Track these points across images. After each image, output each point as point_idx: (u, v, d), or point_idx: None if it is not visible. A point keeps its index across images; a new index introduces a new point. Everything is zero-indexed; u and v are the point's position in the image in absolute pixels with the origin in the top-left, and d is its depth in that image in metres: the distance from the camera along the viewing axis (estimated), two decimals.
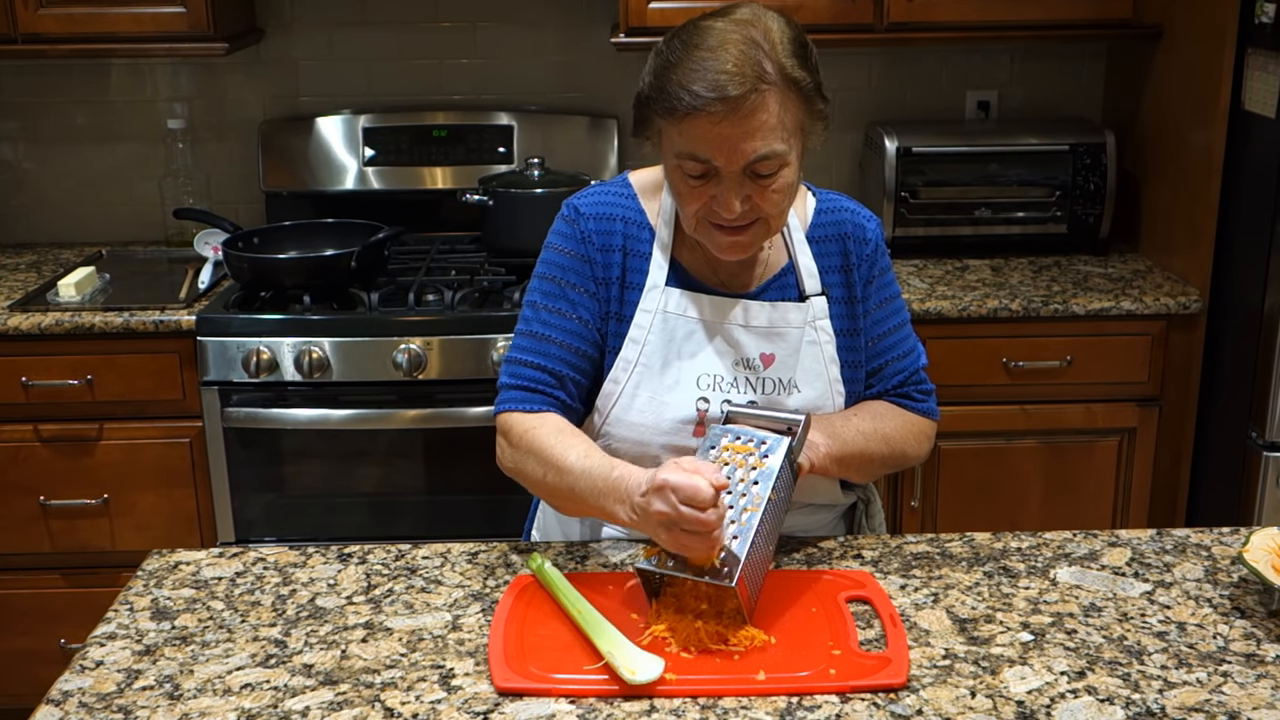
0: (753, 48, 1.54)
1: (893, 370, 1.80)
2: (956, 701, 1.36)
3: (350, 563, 1.70)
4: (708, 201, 1.60)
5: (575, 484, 1.60)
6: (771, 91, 1.54)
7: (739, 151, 1.55)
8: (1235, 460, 2.79)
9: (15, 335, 2.78)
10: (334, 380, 2.79)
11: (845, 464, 1.70)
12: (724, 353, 1.73)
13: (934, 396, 1.84)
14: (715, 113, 1.52)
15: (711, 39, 1.55)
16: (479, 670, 1.44)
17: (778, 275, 1.76)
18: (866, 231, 1.78)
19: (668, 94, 1.55)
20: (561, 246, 1.75)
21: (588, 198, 1.78)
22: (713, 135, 1.54)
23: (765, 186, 1.58)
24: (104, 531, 2.90)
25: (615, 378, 1.73)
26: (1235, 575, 1.62)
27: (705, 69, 1.53)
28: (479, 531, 2.07)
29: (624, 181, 1.80)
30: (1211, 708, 1.35)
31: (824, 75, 1.62)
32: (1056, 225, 3.13)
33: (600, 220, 1.75)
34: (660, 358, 1.72)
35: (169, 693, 1.40)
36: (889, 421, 1.77)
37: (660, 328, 1.72)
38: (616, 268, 1.74)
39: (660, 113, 1.58)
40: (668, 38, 1.61)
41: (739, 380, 1.72)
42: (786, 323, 1.73)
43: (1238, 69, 2.73)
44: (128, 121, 3.37)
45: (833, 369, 1.75)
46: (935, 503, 2.93)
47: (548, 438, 1.65)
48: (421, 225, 3.28)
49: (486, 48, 3.37)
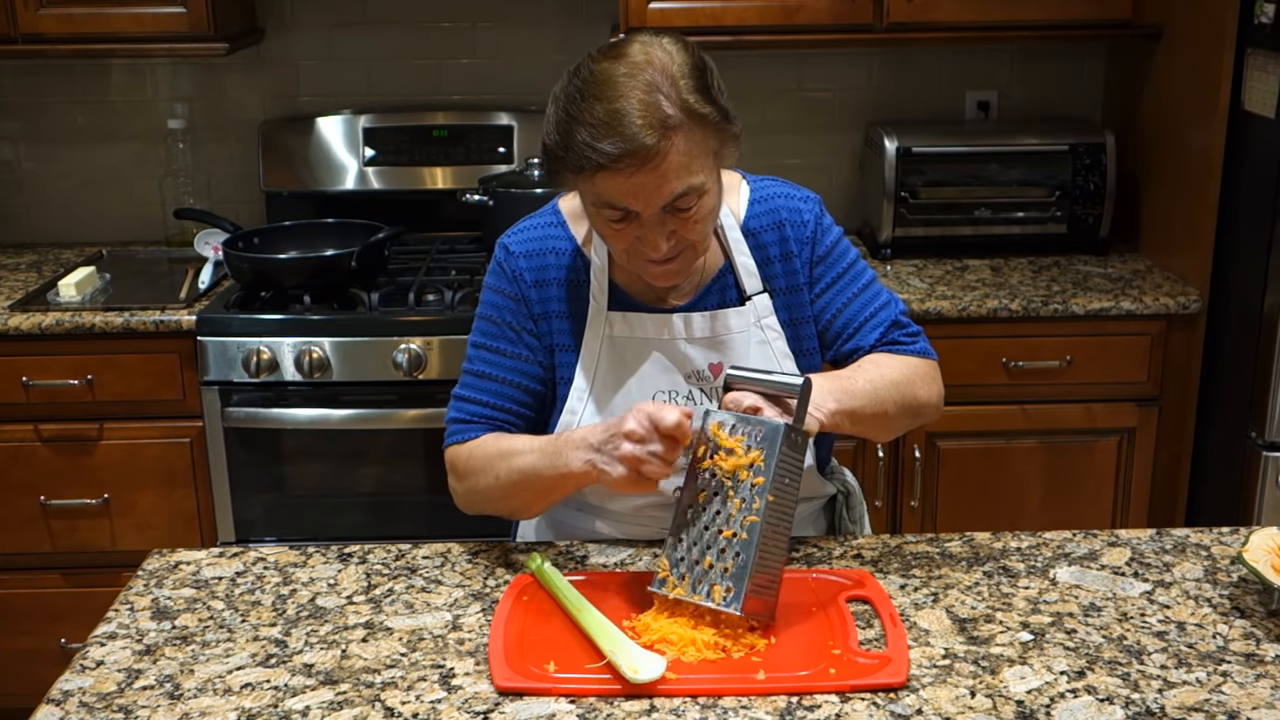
0: (652, 93, 1.51)
1: (871, 326, 1.76)
2: (956, 701, 1.36)
3: (350, 562, 1.70)
4: (634, 241, 1.61)
5: (526, 460, 1.62)
6: (678, 132, 1.52)
7: (655, 195, 1.55)
8: (1235, 460, 2.79)
9: (15, 335, 2.78)
10: (334, 380, 2.79)
11: (859, 418, 1.64)
12: (674, 367, 1.74)
13: (923, 337, 1.80)
14: (625, 168, 1.52)
15: (609, 90, 1.52)
16: (479, 670, 1.44)
17: (716, 278, 1.76)
18: (803, 214, 1.77)
19: (574, 152, 1.54)
20: (496, 286, 1.77)
21: (518, 235, 1.79)
22: (626, 186, 1.54)
23: (687, 219, 1.58)
24: (104, 531, 2.90)
25: (571, 407, 1.74)
26: (1235, 575, 1.62)
27: (608, 125, 1.50)
28: (479, 531, 2.06)
29: (553, 210, 1.80)
30: (1211, 707, 1.35)
31: (729, 98, 1.59)
32: (1056, 225, 3.13)
33: (531, 257, 1.76)
34: (613, 381, 1.74)
35: (169, 692, 1.41)
36: (891, 368, 1.71)
37: (609, 352, 1.74)
38: (555, 301, 1.75)
39: (569, 170, 1.57)
40: (565, 84, 1.57)
41: (693, 393, 1.74)
42: (728, 329, 1.74)
43: (1238, 69, 2.73)
44: (128, 121, 3.37)
45: (787, 364, 1.75)
46: (935, 503, 2.93)
47: (491, 445, 1.69)
48: (421, 225, 3.28)
49: (486, 48, 3.37)
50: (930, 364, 1.79)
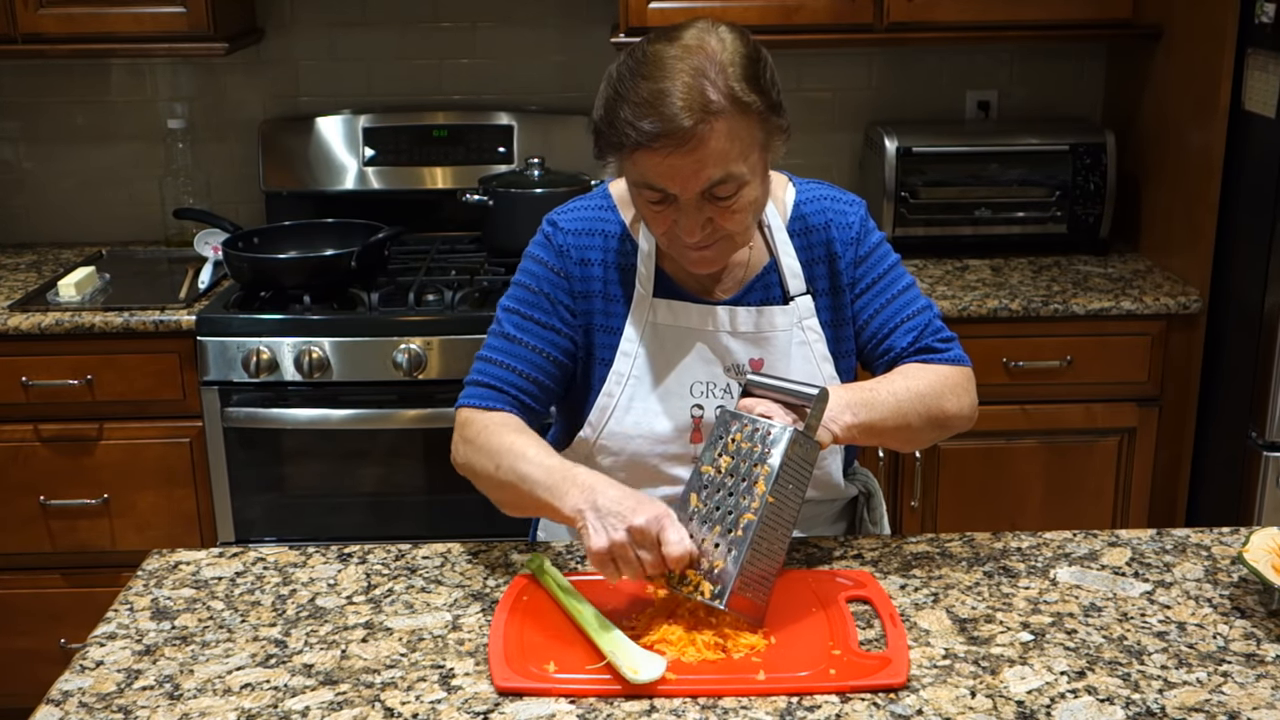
0: (698, 77, 1.52)
1: (905, 330, 1.76)
2: (956, 701, 1.36)
3: (350, 563, 1.70)
4: (671, 225, 1.61)
5: (529, 472, 1.58)
6: (720, 119, 1.52)
7: (693, 180, 1.55)
8: (1235, 460, 2.79)
9: (15, 335, 2.78)
10: (334, 380, 2.79)
11: (879, 431, 1.64)
12: (714, 359, 1.74)
13: (957, 344, 1.79)
14: (662, 148, 1.52)
15: (657, 70, 1.53)
16: (479, 670, 1.44)
17: (760, 275, 1.76)
18: (848, 216, 1.77)
19: (616, 129, 1.55)
20: (539, 257, 1.76)
21: (567, 213, 1.78)
22: (663, 167, 1.54)
23: (726, 208, 1.58)
24: (104, 531, 2.90)
25: (609, 391, 1.74)
26: (1235, 575, 1.62)
27: (650, 104, 1.51)
28: (479, 531, 2.07)
29: (604, 193, 1.80)
30: (1211, 708, 1.35)
31: (780, 89, 1.60)
32: (1056, 225, 3.13)
33: (578, 235, 1.75)
34: (652, 368, 1.73)
35: (169, 693, 1.41)
36: (919, 380, 1.70)
37: (650, 339, 1.73)
38: (597, 281, 1.74)
39: (612, 146, 1.58)
40: (619, 62, 1.59)
41: (731, 386, 1.73)
42: (772, 326, 1.74)
43: (1238, 69, 2.73)
44: (128, 121, 3.37)
45: (825, 366, 1.76)
46: (935, 503, 2.93)
47: (507, 435, 1.65)
48: (421, 225, 3.28)
49: (486, 48, 3.37)
50: (962, 372, 1.77)
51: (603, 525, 1.46)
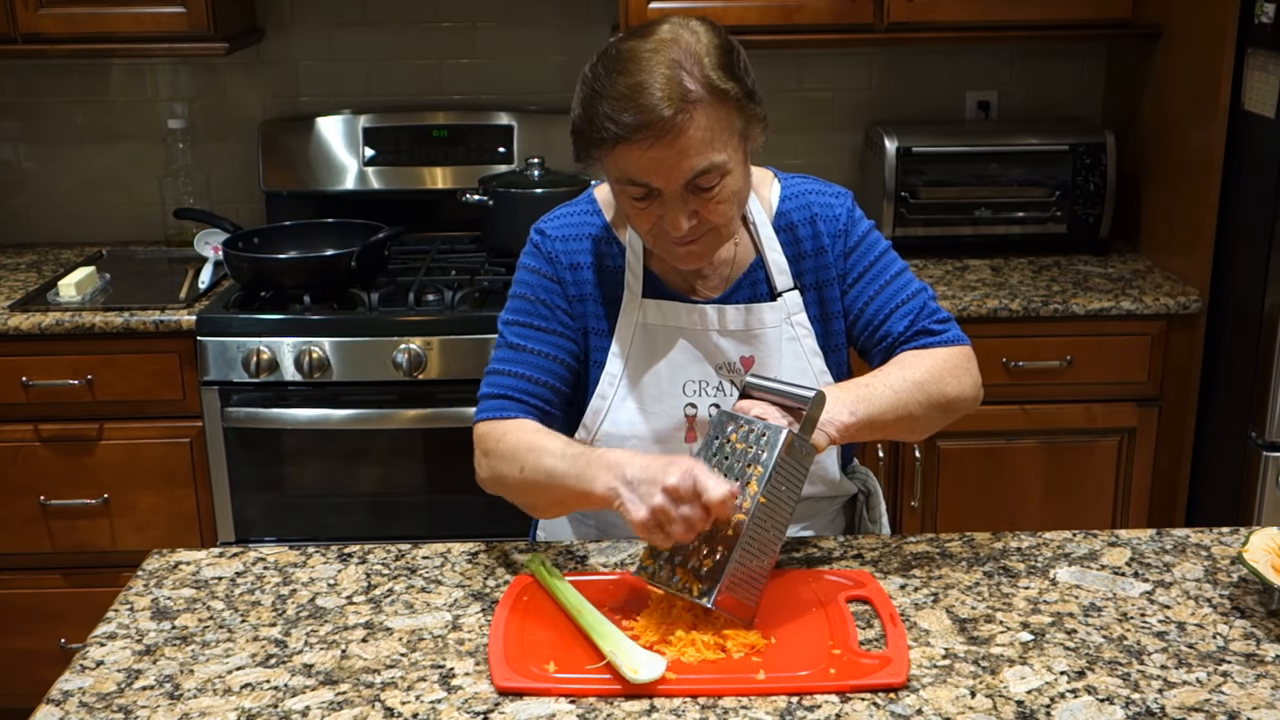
0: (675, 69, 1.53)
1: (900, 315, 1.75)
2: (956, 701, 1.36)
3: (350, 563, 1.70)
4: (656, 221, 1.61)
5: (555, 465, 1.58)
6: (698, 107, 1.53)
7: (676, 171, 1.55)
8: (1235, 460, 2.79)
9: (15, 335, 2.78)
10: (334, 380, 2.79)
11: (880, 425, 1.63)
12: (706, 358, 1.74)
13: (954, 324, 1.77)
14: (643, 140, 1.53)
15: (634, 65, 1.54)
16: (479, 670, 1.44)
17: (747, 272, 1.76)
18: (834, 209, 1.77)
19: (596, 125, 1.56)
20: (532, 266, 1.77)
21: (553, 220, 1.79)
22: (646, 160, 1.55)
23: (709, 199, 1.59)
24: (104, 531, 2.90)
25: (602, 392, 1.74)
26: (1235, 575, 1.62)
27: (629, 97, 1.52)
28: (479, 531, 2.07)
29: (589, 198, 1.81)
30: (1211, 708, 1.35)
31: (755, 79, 1.61)
32: (1056, 225, 3.13)
33: (567, 241, 1.76)
34: (644, 368, 1.74)
35: (169, 692, 1.41)
36: (916, 368, 1.69)
37: (641, 339, 1.74)
38: (589, 284, 1.75)
39: (593, 144, 1.58)
40: (593, 63, 1.60)
41: (723, 385, 1.74)
42: (761, 323, 1.74)
43: (1238, 69, 2.73)
44: (128, 121, 3.37)
45: (815, 361, 1.76)
46: (935, 503, 2.93)
47: (525, 436, 1.65)
48: (421, 225, 3.28)
49: (486, 48, 3.37)
50: (961, 352, 1.74)
51: (638, 496, 1.46)
